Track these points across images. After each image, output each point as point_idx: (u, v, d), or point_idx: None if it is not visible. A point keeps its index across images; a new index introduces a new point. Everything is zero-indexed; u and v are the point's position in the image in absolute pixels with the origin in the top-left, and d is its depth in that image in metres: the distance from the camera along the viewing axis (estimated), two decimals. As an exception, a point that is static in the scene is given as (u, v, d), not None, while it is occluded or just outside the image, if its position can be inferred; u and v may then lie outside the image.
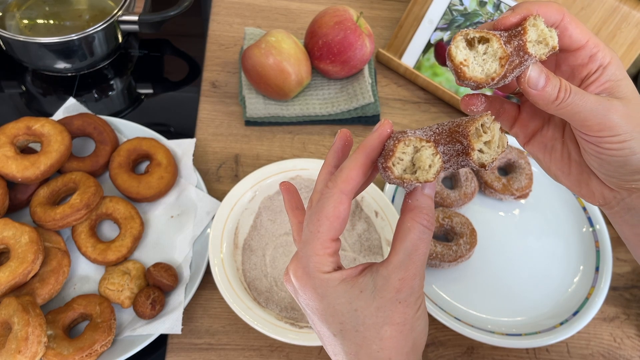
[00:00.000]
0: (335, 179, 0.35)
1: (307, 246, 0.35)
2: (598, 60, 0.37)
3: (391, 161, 0.33)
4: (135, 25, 0.77)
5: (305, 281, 0.36)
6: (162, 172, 0.67)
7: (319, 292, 0.35)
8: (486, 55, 0.34)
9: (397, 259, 0.34)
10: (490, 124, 0.34)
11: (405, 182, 0.34)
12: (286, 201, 0.40)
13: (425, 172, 0.33)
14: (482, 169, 0.34)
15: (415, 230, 0.34)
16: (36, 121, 0.65)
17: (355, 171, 0.35)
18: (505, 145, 0.34)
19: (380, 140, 0.35)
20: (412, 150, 0.34)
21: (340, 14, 0.76)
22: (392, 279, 0.34)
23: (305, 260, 0.35)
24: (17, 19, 0.78)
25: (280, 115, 0.78)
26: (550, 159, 0.42)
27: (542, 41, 0.35)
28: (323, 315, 0.35)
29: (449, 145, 0.34)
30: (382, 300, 0.34)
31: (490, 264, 0.68)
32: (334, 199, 0.34)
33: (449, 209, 0.68)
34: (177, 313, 0.59)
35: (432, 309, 0.61)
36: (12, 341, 0.51)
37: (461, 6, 0.78)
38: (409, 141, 0.34)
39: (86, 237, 0.63)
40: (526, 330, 0.63)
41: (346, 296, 0.34)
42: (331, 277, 0.35)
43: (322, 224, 0.34)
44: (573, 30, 0.36)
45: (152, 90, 0.83)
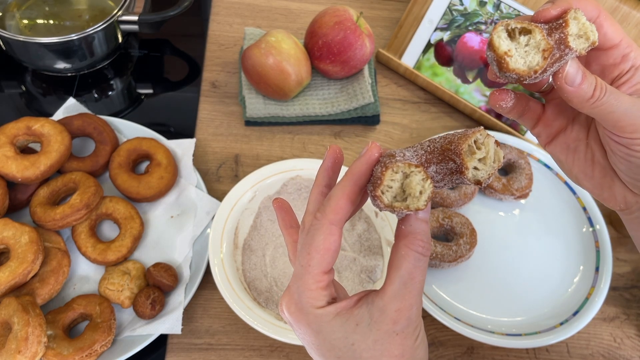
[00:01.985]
0: (324, 210, 0.33)
1: (298, 281, 0.34)
2: (630, 61, 0.36)
3: (380, 189, 0.32)
4: (135, 25, 0.77)
5: (298, 317, 0.34)
6: (162, 172, 0.67)
7: (313, 328, 0.34)
8: (528, 47, 0.33)
9: (392, 289, 0.33)
10: (484, 139, 0.32)
11: (396, 210, 0.32)
12: (280, 219, 0.39)
13: (416, 200, 0.31)
14: (477, 185, 0.33)
15: (410, 258, 0.33)
16: (36, 121, 0.65)
17: (343, 200, 0.33)
18: (501, 159, 0.33)
19: (367, 166, 0.34)
20: (402, 176, 0.32)
21: (340, 14, 0.76)
22: (388, 311, 0.33)
23: (298, 296, 0.34)
24: (17, 19, 0.78)
25: (280, 115, 0.78)
26: (573, 161, 0.41)
27: (583, 35, 0.33)
28: (319, 349, 0.34)
29: (441, 165, 0.32)
30: (379, 333, 0.33)
31: (490, 264, 0.68)
32: (324, 231, 0.33)
33: (449, 209, 0.68)
34: (177, 313, 0.59)
35: (432, 309, 0.61)
36: (12, 341, 0.51)
37: (461, 6, 0.78)
38: (397, 167, 0.32)
39: (86, 237, 0.63)
40: (526, 330, 0.63)
41: (342, 330, 0.33)
42: (325, 312, 0.34)
43: (313, 258, 0.33)
44: (608, 28, 0.35)
45: (152, 90, 0.83)
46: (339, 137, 0.79)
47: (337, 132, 0.80)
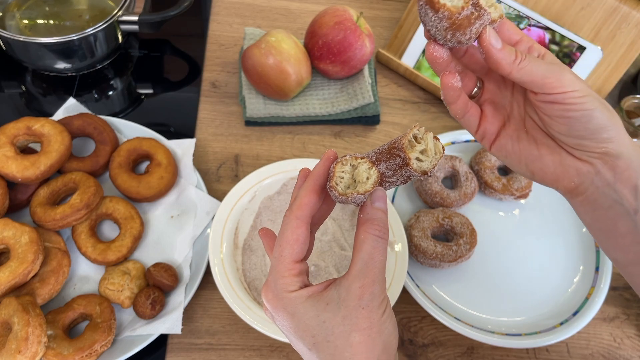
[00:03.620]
0: (291, 207, 0.38)
1: (273, 271, 0.38)
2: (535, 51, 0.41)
3: (333, 181, 0.37)
4: (135, 25, 0.77)
5: (275, 303, 0.38)
6: (162, 172, 0.68)
7: (289, 311, 0.37)
8: None
9: (355, 269, 0.37)
10: (423, 134, 0.37)
11: (350, 197, 0.37)
12: (266, 245, 0.43)
13: (364, 184, 0.37)
14: (425, 176, 0.37)
15: (369, 240, 0.37)
16: (36, 121, 0.65)
17: (307, 197, 0.38)
18: (441, 151, 0.37)
19: (324, 167, 0.39)
20: (350, 168, 0.38)
21: (340, 14, 0.76)
22: (353, 288, 0.36)
23: (274, 284, 0.38)
24: (17, 19, 0.78)
25: (280, 115, 0.78)
26: (520, 150, 0.43)
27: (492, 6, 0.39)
28: (296, 331, 0.38)
29: (390, 161, 0.37)
30: (347, 309, 0.36)
31: (490, 264, 0.68)
32: (292, 225, 0.38)
33: (449, 209, 0.68)
34: (177, 313, 0.59)
35: (432, 309, 0.61)
36: (12, 341, 0.51)
37: (461, 6, 0.78)
38: (346, 160, 0.38)
39: (86, 237, 0.63)
40: (526, 330, 0.63)
41: (314, 310, 0.37)
42: (298, 294, 0.37)
43: (284, 249, 0.38)
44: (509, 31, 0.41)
45: (152, 90, 0.83)
46: (339, 137, 0.79)
47: (337, 132, 0.80)
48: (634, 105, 0.72)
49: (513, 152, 0.44)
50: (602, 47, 0.72)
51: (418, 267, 0.66)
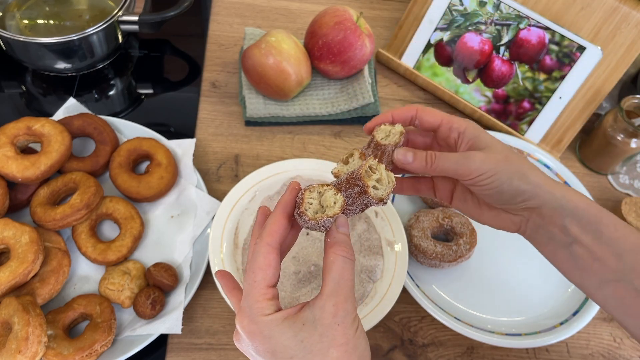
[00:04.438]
0: (261, 235, 0.40)
1: (247, 297, 0.39)
2: (455, 130, 0.47)
3: (303, 207, 0.40)
4: (135, 25, 0.77)
5: (251, 328, 0.39)
6: (162, 172, 0.68)
7: (265, 334, 0.38)
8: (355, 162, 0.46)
9: (328, 289, 0.39)
10: (376, 166, 0.42)
11: (319, 221, 0.40)
12: (223, 286, 0.45)
13: (332, 208, 0.41)
14: (381, 203, 0.41)
15: (339, 261, 0.39)
16: (36, 121, 0.65)
17: (276, 225, 0.40)
18: (393, 180, 0.42)
19: (292, 196, 0.42)
20: (317, 195, 0.41)
21: (340, 14, 0.76)
22: (327, 306, 0.38)
23: (249, 309, 0.39)
24: (17, 19, 0.78)
25: (280, 115, 0.78)
26: (468, 208, 0.51)
27: (389, 135, 0.46)
28: (274, 354, 0.38)
29: (350, 190, 0.41)
30: (323, 327, 0.38)
31: (490, 263, 0.68)
32: (263, 251, 0.40)
33: (449, 209, 0.68)
34: (177, 313, 0.59)
35: (432, 309, 0.61)
36: (13, 341, 0.51)
37: (461, 6, 0.79)
38: (313, 188, 0.41)
39: (86, 237, 0.63)
40: (526, 330, 0.63)
41: (291, 331, 0.38)
42: (274, 317, 0.38)
43: (257, 275, 0.39)
44: (426, 118, 0.48)
45: (152, 91, 0.83)
46: (339, 137, 0.80)
47: (337, 132, 0.80)
48: (633, 105, 0.72)
49: (464, 209, 0.51)
50: (602, 47, 0.72)
51: (418, 267, 0.66)
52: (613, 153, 0.74)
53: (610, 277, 0.44)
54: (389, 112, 0.48)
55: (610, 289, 0.44)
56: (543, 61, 0.76)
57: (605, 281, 0.44)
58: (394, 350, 0.63)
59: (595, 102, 0.76)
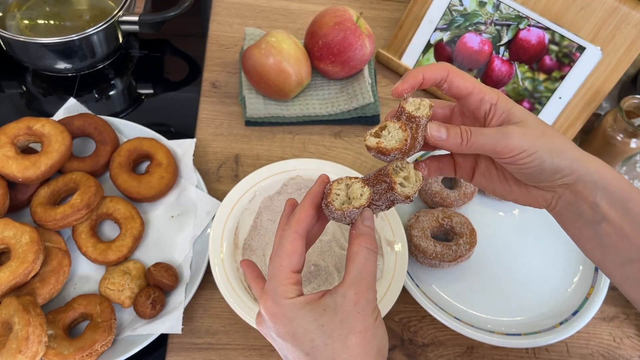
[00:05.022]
0: (289, 222, 0.42)
1: (272, 280, 0.41)
2: (487, 101, 0.44)
3: (330, 197, 0.42)
4: (135, 25, 0.77)
5: (274, 309, 0.40)
6: (163, 172, 0.68)
7: (288, 316, 0.40)
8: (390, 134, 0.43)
9: (350, 278, 0.40)
10: (405, 165, 0.42)
11: (345, 212, 0.41)
12: (247, 274, 0.46)
13: (358, 200, 0.42)
14: (407, 200, 0.41)
15: (362, 252, 0.41)
16: (37, 121, 0.65)
17: (304, 213, 0.42)
18: (421, 179, 0.42)
19: (320, 187, 0.43)
20: (345, 187, 0.42)
21: (340, 14, 0.76)
22: (349, 294, 0.40)
23: (273, 291, 0.41)
24: (18, 19, 0.78)
25: (280, 115, 0.78)
26: (493, 184, 0.48)
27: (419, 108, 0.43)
28: (294, 336, 0.40)
29: (377, 186, 0.42)
30: (343, 314, 0.39)
31: (490, 263, 0.68)
32: (290, 238, 0.41)
33: (449, 209, 0.68)
34: (177, 313, 0.59)
35: (432, 309, 0.61)
36: (13, 341, 0.51)
37: (461, 6, 0.79)
38: (341, 180, 0.42)
39: (87, 237, 0.63)
40: (526, 330, 0.63)
41: (312, 315, 0.39)
42: (297, 300, 0.40)
43: (283, 260, 0.41)
44: (458, 82, 0.44)
45: (152, 91, 0.83)
46: (339, 137, 0.80)
47: (337, 132, 0.80)
48: (633, 105, 0.72)
49: (487, 186, 0.49)
50: (602, 48, 0.72)
51: (418, 267, 0.66)
52: (613, 153, 0.74)
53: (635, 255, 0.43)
54: (420, 72, 0.44)
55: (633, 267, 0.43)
56: (543, 61, 0.76)
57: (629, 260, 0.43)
58: (393, 350, 0.63)
59: (595, 102, 0.76)
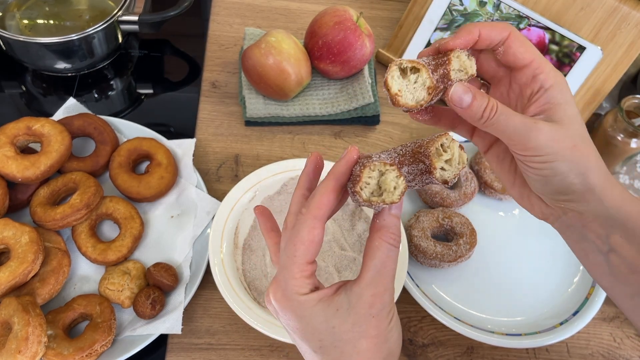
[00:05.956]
0: (308, 205, 0.37)
1: (284, 270, 0.37)
2: (539, 82, 0.39)
3: (359, 186, 0.36)
4: (135, 25, 0.77)
5: (284, 303, 0.37)
6: (162, 172, 0.68)
7: (297, 314, 0.37)
8: (417, 84, 0.38)
9: (368, 276, 0.36)
10: (450, 143, 0.37)
11: (373, 204, 0.36)
12: (262, 224, 0.43)
13: (391, 194, 0.36)
14: (445, 185, 0.36)
15: (383, 248, 0.37)
16: (36, 121, 0.65)
17: (326, 197, 0.36)
18: (465, 161, 0.37)
19: (347, 166, 0.37)
20: (378, 174, 0.36)
21: (340, 14, 0.76)
22: (364, 296, 0.36)
23: (284, 284, 0.37)
24: (17, 19, 0.78)
25: (280, 115, 0.78)
26: (501, 170, 0.45)
27: (463, 70, 0.39)
28: (303, 333, 0.37)
29: (412, 166, 0.37)
30: (357, 316, 0.36)
31: (490, 264, 0.68)
32: (308, 224, 0.36)
33: (449, 209, 0.68)
34: (177, 313, 0.59)
35: (432, 309, 0.61)
36: (13, 341, 0.51)
37: (461, 6, 0.79)
38: (374, 166, 0.36)
39: (86, 237, 0.63)
40: (526, 330, 0.63)
41: (323, 315, 0.36)
42: (308, 298, 0.37)
43: (298, 249, 0.36)
44: (517, 49, 0.39)
45: (152, 91, 0.83)
46: (339, 137, 0.80)
47: (337, 132, 0.80)
48: (634, 105, 0.72)
49: (497, 169, 0.45)
50: (602, 47, 0.72)
51: (418, 267, 0.66)
52: (613, 153, 0.74)
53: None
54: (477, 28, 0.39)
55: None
56: (543, 61, 0.76)
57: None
58: (394, 350, 0.63)
59: (595, 102, 0.76)
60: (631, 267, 0.40)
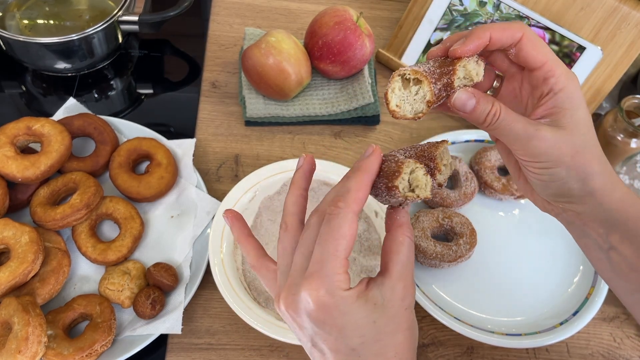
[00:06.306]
0: (346, 200, 0.36)
1: (327, 265, 0.36)
2: (550, 85, 0.39)
3: (397, 181, 0.36)
4: (135, 25, 0.77)
5: (327, 300, 0.35)
6: (162, 172, 0.68)
7: (341, 309, 0.36)
8: (417, 95, 0.39)
9: (396, 270, 0.37)
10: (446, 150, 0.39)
11: (409, 199, 0.37)
12: (237, 230, 0.42)
13: (424, 190, 0.37)
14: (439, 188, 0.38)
15: (407, 243, 0.38)
16: (36, 121, 0.65)
17: (362, 192, 0.37)
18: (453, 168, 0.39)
19: (379, 163, 0.38)
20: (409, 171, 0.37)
21: (340, 14, 0.76)
22: (397, 289, 0.37)
23: (328, 280, 0.35)
24: (18, 19, 0.78)
25: (280, 115, 0.78)
26: (508, 162, 0.46)
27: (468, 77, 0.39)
28: (342, 330, 0.36)
29: None
30: (393, 310, 0.37)
31: (490, 264, 0.68)
32: (349, 219, 0.36)
33: (449, 209, 0.68)
34: (177, 313, 0.59)
35: (432, 309, 0.61)
36: (13, 341, 0.51)
37: (461, 6, 0.79)
38: (409, 163, 0.37)
39: (86, 237, 0.63)
40: (526, 330, 0.63)
41: (364, 310, 0.36)
42: (350, 294, 0.36)
43: (340, 244, 0.35)
44: (529, 52, 0.39)
45: (152, 91, 0.83)
46: (339, 137, 0.80)
47: (337, 132, 0.80)
48: (634, 105, 0.72)
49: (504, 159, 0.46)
50: (602, 47, 0.72)
51: (418, 267, 0.66)
52: (613, 153, 0.74)
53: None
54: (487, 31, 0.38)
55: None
56: (543, 61, 0.76)
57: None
58: (394, 350, 0.63)
59: (595, 102, 0.76)
60: (631, 265, 0.41)
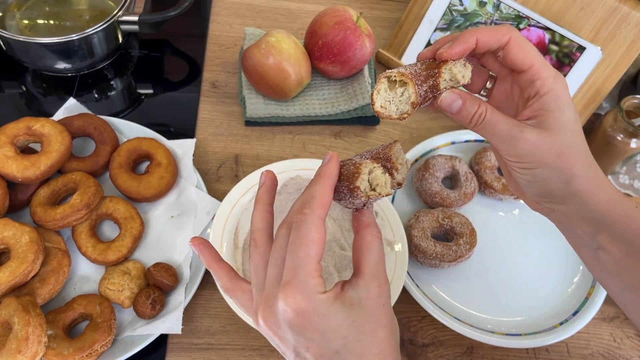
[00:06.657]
0: (311, 206, 0.37)
1: (300, 271, 0.36)
2: (536, 87, 0.40)
3: (358, 181, 0.38)
4: (135, 25, 0.77)
5: (304, 305, 0.36)
6: (162, 172, 0.68)
7: (320, 313, 0.36)
8: (403, 97, 0.40)
9: (369, 269, 0.38)
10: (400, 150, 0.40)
11: (371, 198, 0.38)
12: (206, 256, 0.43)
13: (385, 187, 0.38)
14: (398, 187, 0.39)
15: (376, 242, 0.39)
16: (36, 121, 0.65)
17: (327, 197, 0.38)
18: (409, 166, 0.40)
19: (338, 168, 0.39)
20: (368, 172, 0.39)
21: (340, 14, 0.76)
22: (371, 287, 0.37)
23: (303, 285, 0.36)
24: (18, 19, 0.78)
25: (280, 115, 0.78)
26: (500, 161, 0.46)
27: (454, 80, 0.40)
28: (324, 334, 0.36)
29: None
30: (370, 308, 0.37)
31: (490, 264, 0.68)
32: (316, 224, 0.37)
33: (449, 209, 0.68)
34: (177, 313, 0.59)
35: (432, 309, 0.61)
36: (13, 341, 0.51)
37: (461, 6, 0.79)
38: (366, 164, 0.38)
39: (86, 237, 0.63)
40: (526, 330, 0.63)
41: (343, 311, 0.36)
42: (328, 296, 0.37)
43: (311, 249, 0.36)
44: (516, 55, 0.40)
45: (152, 91, 0.83)
46: (339, 137, 0.80)
47: (337, 132, 0.80)
48: (633, 105, 0.72)
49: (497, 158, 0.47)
50: (602, 47, 0.72)
51: (418, 267, 0.66)
52: (613, 153, 0.74)
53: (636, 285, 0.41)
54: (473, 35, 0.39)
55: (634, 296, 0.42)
56: (543, 61, 0.76)
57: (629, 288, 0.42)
58: (394, 350, 0.63)
59: (595, 102, 0.76)
60: (619, 264, 0.41)
